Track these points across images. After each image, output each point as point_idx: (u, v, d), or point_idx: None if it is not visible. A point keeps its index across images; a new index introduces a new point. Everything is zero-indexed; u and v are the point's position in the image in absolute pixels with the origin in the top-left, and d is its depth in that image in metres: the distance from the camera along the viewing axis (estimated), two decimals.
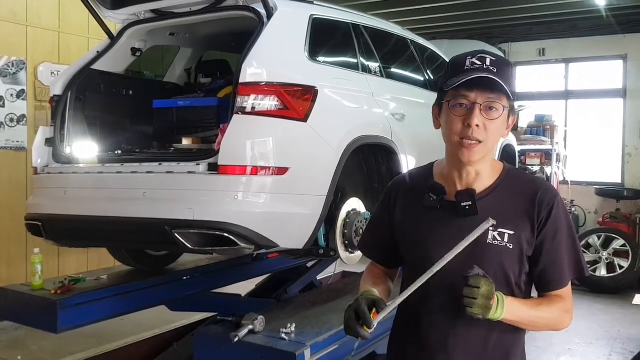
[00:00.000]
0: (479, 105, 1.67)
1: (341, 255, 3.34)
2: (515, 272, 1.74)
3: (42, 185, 3.54)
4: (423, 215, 1.81)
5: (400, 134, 3.71)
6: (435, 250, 1.72)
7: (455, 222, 1.75)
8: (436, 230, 1.79)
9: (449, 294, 1.71)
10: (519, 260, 1.73)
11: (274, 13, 3.19)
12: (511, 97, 1.70)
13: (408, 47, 4.65)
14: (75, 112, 3.67)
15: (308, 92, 3.08)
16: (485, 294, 1.58)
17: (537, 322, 1.75)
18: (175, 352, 4.35)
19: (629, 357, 4.70)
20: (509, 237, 1.71)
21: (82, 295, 3.36)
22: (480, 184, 1.77)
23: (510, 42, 10.01)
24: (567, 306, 1.77)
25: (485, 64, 1.68)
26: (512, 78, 1.73)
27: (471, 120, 1.67)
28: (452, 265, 1.66)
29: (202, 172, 2.91)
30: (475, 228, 1.67)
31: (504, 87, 1.66)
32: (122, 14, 3.80)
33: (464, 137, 1.69)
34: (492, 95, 1.68)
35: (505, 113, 1.71)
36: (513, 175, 1.82)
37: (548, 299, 1.76)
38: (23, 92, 5.90)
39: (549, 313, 1.74)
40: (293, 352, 2.57)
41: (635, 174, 9.21)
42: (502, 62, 1.72)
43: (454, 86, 1.68)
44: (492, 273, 1.67)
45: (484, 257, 1.71)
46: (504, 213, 1.72)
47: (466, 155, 1.71)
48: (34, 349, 5.03)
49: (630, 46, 9.17)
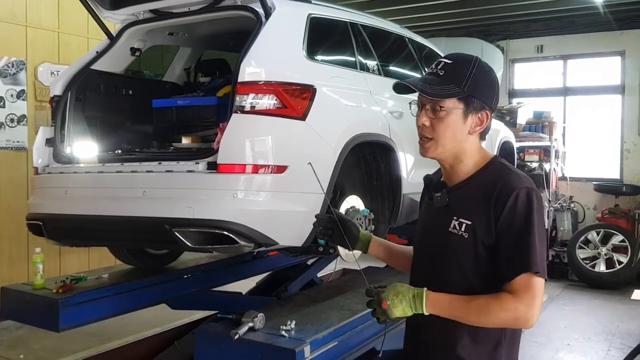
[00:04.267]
0: (425, 106, 1.90)
1: (341, 252, 3.35)
2: (470, 260, 1.83)
3: (43, 185, 3.55)
4: (426, 205, 2.08)
5: (398, 132, 3.73)
6: (419, 234, 2.07)
7: (433, 210, 1.98)
8: (425, 217, 2.08)
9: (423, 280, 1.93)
10: (474, 249, 1.82)
11: (272, 12, 3.20)
12: (467, 95, 1.83)
13: (406, 45, 4.67)
14: (75, 112, 3.69)
15: (306, 90, 3.09)
16: (377, 301, 1.83)
17: (474, 318, 1.78)
18: (176, 350, 4.36)
19: (628, 352, 4.72)
20: (465, 227, 1.83)
21: (83, 294, 3.37)
22: (458, 176, 1.93)
23: (508, 39, 10.01)
24: (521, 302, 1.72)
25: (437, 67, 1.89)
26: (471, 78, 1.84)
27: (418, 120, 1.92)
28: (423, 253, 2.02)
29: (201, 170, 2.93)
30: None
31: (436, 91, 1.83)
32: (121, 14, 3.81)
33: (419, 135, 1.93)
34: (436, 98, 1.85)
35: (456, 112, 1.85)
36: (491, 169, 1.90)
37: (493, 296, 1.76)
38: (23, 93, 5.92)
39: (486, 307, 1.75)
40: (293, 349, 2.58)
41: (633, 169, 9.22)
42: (457, 65, 1.87)
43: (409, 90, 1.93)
44: (449, 259, 1.87)
45: (444, 243, 1.88)
46: (467, 204, 1.86)
47: (421, 151, 1.94)
48: (36, 347, 5.05)
49: (628, 42, 9.17)
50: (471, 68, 1.86)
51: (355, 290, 3.69)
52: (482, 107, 1.87)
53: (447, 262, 1.87)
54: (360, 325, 3.11)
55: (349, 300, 3.46)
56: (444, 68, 1.87)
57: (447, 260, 1.87)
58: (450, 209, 1.89)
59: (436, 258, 1.92)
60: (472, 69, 1.85)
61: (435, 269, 1.92)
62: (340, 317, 3.08)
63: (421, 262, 2.02)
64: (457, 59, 1.90)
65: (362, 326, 3.13)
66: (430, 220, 2.00)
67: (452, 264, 1.86)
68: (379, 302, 1.82)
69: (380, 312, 1.83)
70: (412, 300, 1.81)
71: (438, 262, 1.91)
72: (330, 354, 2.81)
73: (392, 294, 1.82)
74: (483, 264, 1.82)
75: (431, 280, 1.88)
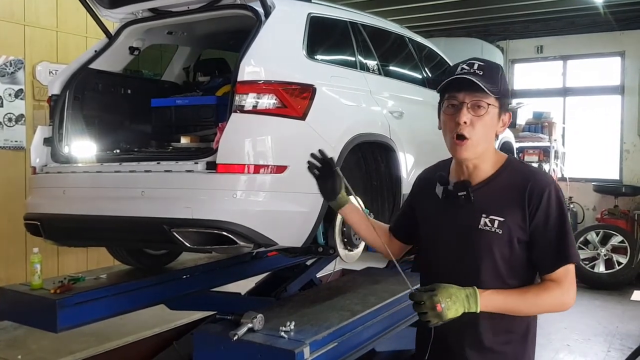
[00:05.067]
0: (467, 103, 1.88)
1: (340, 253, 3.34)
2: (505, 256, 1.91)
3: (41, 184, 3.53)
4: (434, 202, 2.05)
5: (398, 132, 3.72)
6: (436, 233, 2.05)
7: (452, 209, 1.99)
8: (437, 215, 2.05)
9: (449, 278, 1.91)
10: (509, 244, 1.90)
11: (271, 11, 3.19)
12: (500, 96, 1.90)
13: (406, 45, 4.65)
14: (74, 111, 3.67)
15: (306, 90, 3.08)
16: (430, 305, 1.81)
17: (527, 309, 1.93)
18: (175, 350, 4.34)
19: (627, 353, 4.71)
20: (498, 224, 1.90)
21: (81, 295, 3.36)
22: (479, 175, 1.97)
23: (508, 39, 10.01)
24: (563, 289, 1.89)
25: (472, 68, 1.91)
26: (501, 80, 1.93)
27: (459, 117, 1.88)
28: (448, 251, 1.99)
29: (200, 170, 2.91)
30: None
31: (484, 87, 1.84)
32: (120, 13, 3.80)
33: (455, 134, 1.90)
34: (478, 95, 1.87)
35: (493, 111, 1.90)
36: (512, 168, 1.99)
37: (541, 286, 1.92)
38: (21, 92, 5.90)
39: (540, 299, 1.90)
40: (292, 350, 2.57)
41: (633, 170, 9.22)
42: (490, 66, 1.93)
43: (447, 89, 1.93)
44: (482, 256, 1.92)
45: (476, 241, 1.93)
46: (496, 201, 1.92)
47: (459, 152, 1.92)
48: (34, 348, 5.04)
49: (627, 43, 9.18)
50: (500, 71, 1.95)
51: (355, 291, 3.67)
52: (507, 108, 1.98)
53: (480, 259, 1.92)
54: (360, 326, 3.10)
55: (348, 301, 3.44)
56: (481, 68, 1.90)
57: (479, 257, 1.92)
58: (476, 207, 1.93)
59: (465, 256, 1.95)
60: (501, 71, 1.95)
61: (465, 268, 1.94)
62: (340, 318, 3.06)
63: (444, 261, 2.02)
64: (486, 61, 1.94)
65: (362, 327, 3.12)
66: (447, 218, 2.01)
67: (486, 261, 1.91)
68: (432, 305, 1.81)
69: (433, 315, 1.81)
70: (465, 300, 1.83)
71: (469, 260, 1.94)
72: (330, 355, 2.80)
73: (445, 296, 1.81)
74: (516, 258, 1.92)
75: (461, 279, 1.89)
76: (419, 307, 1.84)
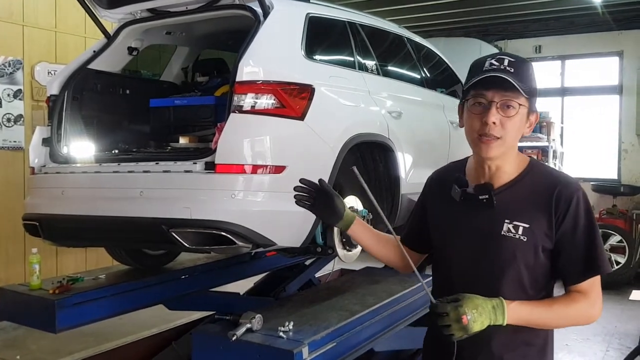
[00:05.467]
0: (496, 103, 1.75)
1: (339, 253, 3.34)
2: (529, 264, 1.80)
3: (39, 185, 3.53)
4: (449, 205, 1.92)
5: (396, 132, 3.72)
6: (451, 238, 1.92)
7: (470, 214, 1.86)
8: (453, 219, 1.92)
9: (467, 287, 1.78)
10: (534, 252, 1.79)
11: (270, 11, 3.19)
12: (529, 95, 1.77)
13: (404, 45, 4.66)
14: (72, 111, 3.67)
15: (305, 90, 3.08)
16: (455, 317, 1.67)
17: (553, 322, 1.83)
18: (174, 351, 4.34)
19: (626, 352, 4.71)
20: (523, 230, 1.78)
21: (80, 295, 3.36)
22: (501, 178, 1.86)
23: (506, 39, 10.01)
24: (591, 299, 1.80)
25: (502, 64, 1.77)
26: (531, 78, 1.80)
27: (488, 118, 1.75)
28: (465, 259, 1.86)
29: (199, 171, 2.91)
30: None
31: (518, 86, 1.72)
32: (118, 13, 3.80)
33: (482, 133, 1.78)
34: (508, 94, 1.75)
35: (522, 111, 1.78)
36: (536, 171, 1.88)
37: (568, 297, 1.82)
38: (20, 92, 5.89)
39: (567, 311, 1.80)
40: (291, 350, 2.57)
41: (631, 170, 9.22)
42: (520, 62, 1.79)
43: (472, 85, 1.78)
44: (505, 263, 1.79)
45: (498, 248, 1.80)
46: (520, 206, 1.80)
47: (484, 150, 1.79)
48: (33, 348, 5.04)
49: (626, 43, 9.18)
50: (531, 68, 1.82)
51: (354, 291, 3.68)
52: (535, 108, 1.85)
53: (502, 267, 1.80)
54: (358, 326, 3.10)
55: (347, 301, 3.45)
56: (511, 65, 1.77)
57: (502, 265, 1.80)
58: (498, 211, 1.81)
59: (486, 264, 1.83)
60: (531, 68, 1.82)
61: (486, 276, 1.82)
62: (339, 318, 3.07)
63: (461, 269, 1.88)
64: (517, 57, 1.81)
65: (361, 327, 3.12)
66: (464, 223, 1.88)
67: (509, 270, 1.80)
68: (458, 317, 1.66)
69: (458, 328, 1.67)
70: (492, 312, 1.71)
71: (490, 268, 1.82)
72: (329, 355, 2.80)
73: (470, 307, 1.68)
74: (539, 267, 1.82)
75: (480, 289, 1.76)
76: (441, 319, 1.68)
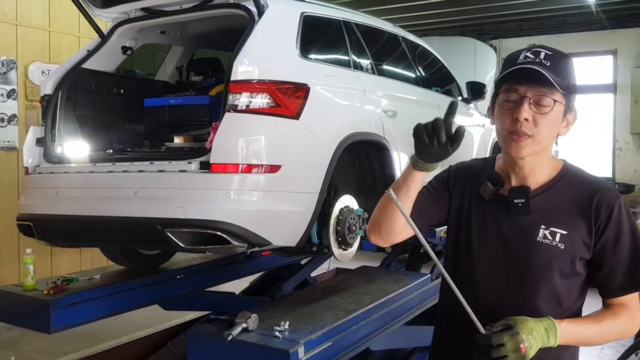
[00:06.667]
0: (528, 98, 1.63)
1: (334, 252, 3.34)
2: (565, 274, 1.68)
3: (34, 185, 3.52)
4: (477, 204, 1.79)
5: (392, 131, 3.72)
6: (480, 241, 1.75)
7: (505, 217, 1.73)
8: (485, 221, 1.77)
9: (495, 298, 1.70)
10: (570, 261, 1.67)
11: (264, 10, 3.18)
12: (566, 91, 1.65)
13: (399, 44, 4.66)
14: (66, 111, 3.65)
15: (300, 89, 3.07)
16: (513, 347, 1.51)
17: (599, 339, 1.73)
18: (169, 351, 4.33)
19: (621, 350, 4.72)
20: (560, 237, 1.66)
21: (75, 295, 3.34)
22: (534, 180, 1.73)
23: (500, 38, 10.03)
24: (633, 313, 1.70)
25: (538, 57, 1.64)
26: (570, 72, 1.68)
27: (519, 114, 1.62)
28: (493, 266, 1.72)
29: (194, 170, 2.90)
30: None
31: (554, 80, 1.60)
32: (112, 13, 3.78)
33: (513, 131, 1.65)
34: (543, 89, 1.62)
35: (558, 108, 1.65)
36: (572, 174, 1.75)
37: (612, 312, 1.70)
38: (14, 92, 5.87)
39: (613, 327, 1.69)
40: (286, 349, 2.56)
41: (625, 168, 9.26)
42: (558, 56, 1.67)
43: (504, 79, 1.67)
44: (539, 271, 1.67)
45: (532, 255, 1.68)
46: (557, 212, 1.68)
47: (514, 149, 1.66)
48: (27, 349, 5.02)
49: (620, 41, 9.22)
50: (570, 62, 1.69)
51: (350, 290, 3.67)
52: (573, 107, 1.71)
53: (537, 277, 1.68)
54: (354, 325, 3.10)
55: (343, 300, 3.44)
56: (548, 58, 1.64)
57: (536, 274, 1.68)
58: (533, 216, 1.69)
59: (518, 273, 1.70)
60: (570, 63, 1.69)
61: (518, 287, 1.70)
62: (335, 317, 3.06)
63: (487, 277, 1.74)
64: (555, 51, 1.68)
65: (357, 326, 3.12)
66: (492, 226, 1.75)
67: (544, 279, 1.68)
68: (516, 347, 1.50)
69: (515, 358, 1.50)
70: (544, 335, 1.56)
71: (523, 277, 1.70)
72: (325, 354, 2.79)
73: (526, 333, 1.53)
74: (575, 278, 1.71)
75: (512, 301, 1.67)
76: (497, 350, 1.50)
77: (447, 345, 1.88)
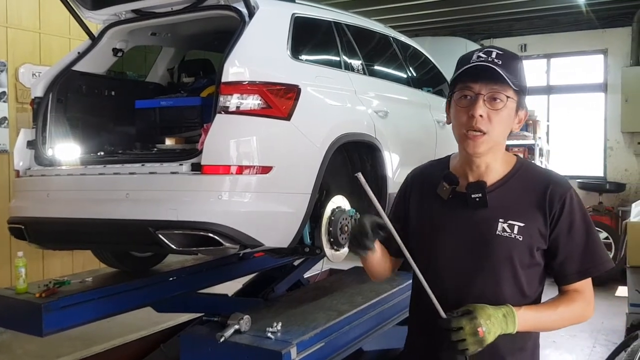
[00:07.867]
0: (483, 95, 1.70)
1: (327, 252, 3.35)
2: (525, 265, 1.76)
3: (25, 188, 3.51)
4: (436, 205, 1.85)
5: (383, 131, 3.72)
6: (442, 239, 1.82)
7: (464, 213, 1.79)
8: (440, 219, 1.84)
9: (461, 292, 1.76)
10: (529, 252, 1.75)
11: (255, 12, 3.18)
12: (518, 89, 1.72)
13: (390, 44, 4.67)
14: (57, 113, 3.64)
15: (291, 90, 3.08)
16: (471, 330, 1.59)
17: (556, 324, 1.81)
18: (162, 353, 4.33)
19: (613, 348, 4.75)
20: (518, 229, 1.74)
21: (67, 298, 3.34)
22: (491, 176, 1.80)
23: (492, 37, 10.05)
24: (587, 298, 1.79)
25: (490, 56, 1.72)
26: (520, 72, 1.75)
27: (474, 111, 1.69)
28: (457, 261, 1.79)
29: (185, 172, 2.90)
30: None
31: (507, 78, 1.67)
32: (103, 14, 3.78)
33: (469, 128, 1.72)
34: (496, 86, 1.69)
35: (510, 105, 1.73)
36: (526, 169, 1.84)
37: (568, 298, 1.79)
38: (4, 94, 5.84)
39: (569, 313, 1.78)
40: (279, 351, 2.57)
41: (617, 167, 9.30)
42: (509, 56, 1.74)
43: (459, 77, 1.73)
44: (500, 264, 1.74)
45: (493, 248, 1.75)
46: (514, 205, 1.76)
47: (471, 146, 1.73)
48: (20, 352, 4.99)
49: (610, 41, 9.26)
50: (520, 62, 1.77)
51: (342, 291, 3.68)
52: (524, 105, 1.79)
53: (499, 269, 1.74)
54: (347, 326, 3.11)
55: (335, 301, 3.45)
56: (499, 57, 1.71)
57: (498, 267, 1.74)
58: (491, 210, 1.75)
59: (481, 266, 1.76)
60: (520, 62, 1.77)
61: (482, 279, 1.76)
62: (327, 318, 3.07)
63: (451, 272, 1.80)
64: (506, 51, 1.76)
65: (349, 327, 3.13)
66: (453, 223, 1.81)
67: (505, 271, 1.75)
68: (474, 330, 1.59)
69: (473, 341, 1.59)
70: (503, 321, 1.64)
71: (485, 270, 1.76)
72: (317, 355, 2.80)
73: (484, 318, 1.61)
74: (534, 267, 1.78)
75: (477, 293, 1.73)
76: (456, 334, 1.59)
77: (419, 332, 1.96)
